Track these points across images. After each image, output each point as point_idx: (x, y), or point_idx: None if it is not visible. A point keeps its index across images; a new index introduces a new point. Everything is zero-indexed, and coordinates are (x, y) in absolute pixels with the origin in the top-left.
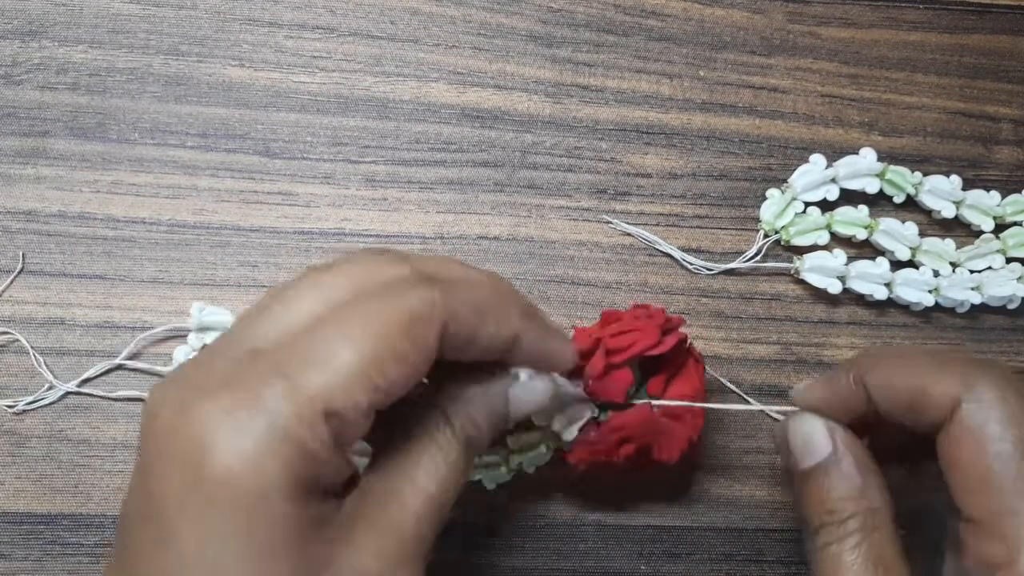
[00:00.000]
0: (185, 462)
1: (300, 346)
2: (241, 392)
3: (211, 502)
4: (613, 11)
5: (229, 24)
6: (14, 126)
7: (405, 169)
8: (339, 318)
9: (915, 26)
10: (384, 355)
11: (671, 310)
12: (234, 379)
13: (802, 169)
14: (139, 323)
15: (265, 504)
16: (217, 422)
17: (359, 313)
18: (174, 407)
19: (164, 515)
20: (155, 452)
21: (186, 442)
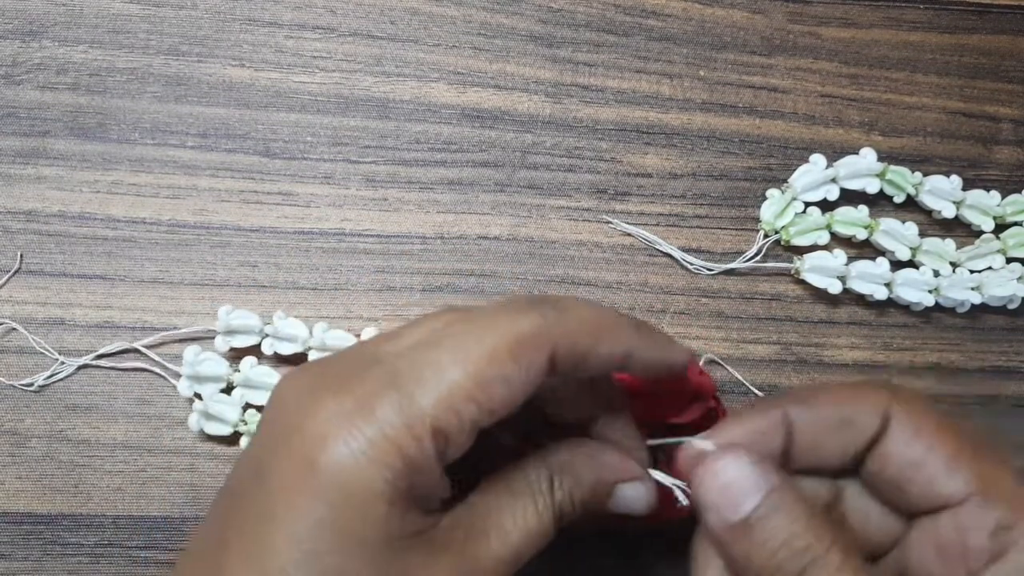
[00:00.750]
0: (300, 452)
1: (414, 360)
2: (358, 396)
3: (318, 494)
4: (613, 11)
5: (229, 24)
6: (14, 126)
7: (405, 169)
8: (453, 336)
9: (915, 26)
10: (490, 376)
11: (671, 310)
12: (355, 384)
13: (802, 169)
14: (139, 323)
15: (364, 506)
16: (334, 420)
17: (469, 330)
18: (301, 397)
19: (272, 497)
20: (275, 435)
21: (304, 433)
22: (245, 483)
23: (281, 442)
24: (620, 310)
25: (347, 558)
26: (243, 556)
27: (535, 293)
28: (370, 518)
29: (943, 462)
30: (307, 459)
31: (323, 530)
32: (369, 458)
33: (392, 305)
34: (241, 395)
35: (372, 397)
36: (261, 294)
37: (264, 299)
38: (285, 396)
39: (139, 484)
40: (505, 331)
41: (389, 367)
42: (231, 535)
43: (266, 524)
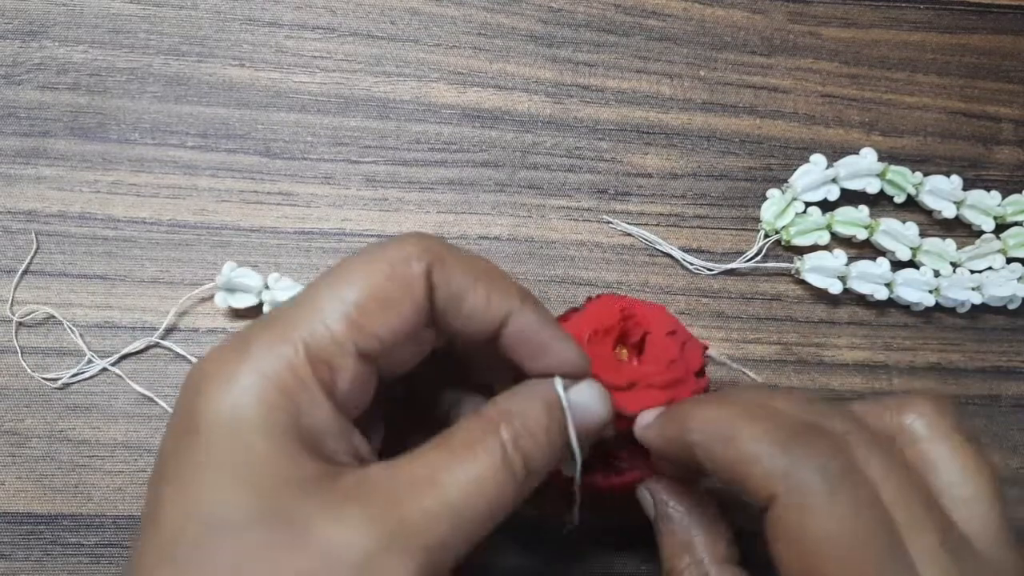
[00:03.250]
0: (184, 406)
1: (294, 300)
2: (235, 342)
3: (200, 440)
4: (613, 11)
5: (229, 24)
6: (14, 126)
7: (405, 169)
8: (332, 271)
9: (916, 26)
10: (366, 297)
11: (671, 310)
12: (235, 338)
13: (803, 169)
14: (139, 323)
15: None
16: (209, 368)
17: (344, 265)
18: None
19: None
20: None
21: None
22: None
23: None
24: None
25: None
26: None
27: None
28: (252, 456)
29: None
30: (187, 408)
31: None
32: (242, 393)
33: None
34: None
35: (248, 338)
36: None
37: (264, 299)
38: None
39: (139, 484)
40: (380, 256)
41: (273, 313)
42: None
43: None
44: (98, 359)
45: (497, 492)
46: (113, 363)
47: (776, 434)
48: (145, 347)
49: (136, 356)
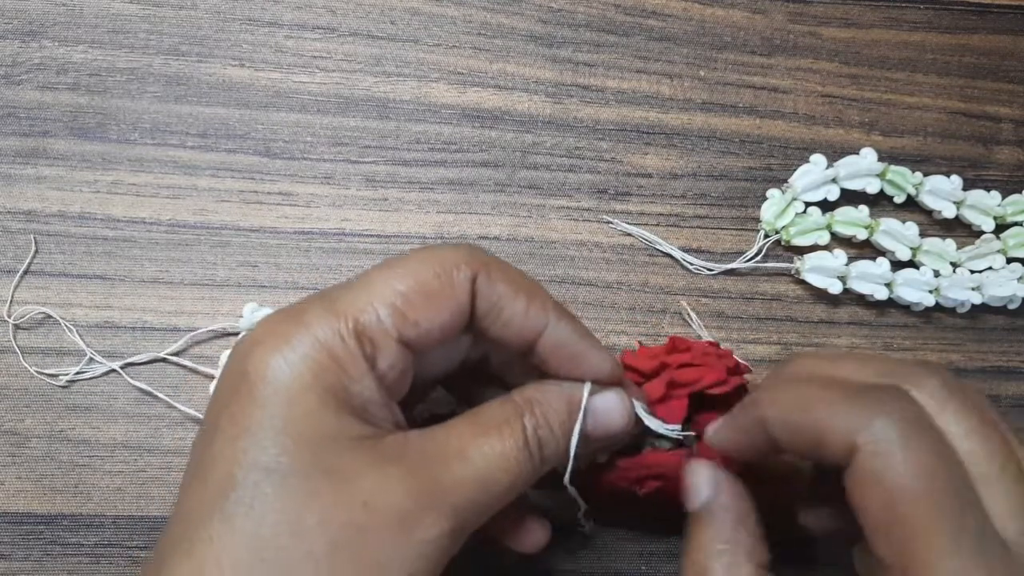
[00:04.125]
0: (236, 367)
1: (347, 282)
2: (288, 311)
3: (251, 398)
4: (613, 11)
5: (229, 24)
6: (14, 126)
7: (405, 169)
8: (385, 263)
9: (916, 26)
10: (414, 289)
11: (671, 310)
12: (288, 309)
13: (803, 169)
14: (139, 323)
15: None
16: (263, 332)
17: (399, 259)
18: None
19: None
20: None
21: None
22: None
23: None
24: (621, 310)
25: (286, 454)
26: (192, 473)
27: None
28: (302, 413)
29: None
30: (239, 369)
31: (260, 430)
32: (295, 354)
33: None
34: None
35: (302, 309)
36: (261, 294)
37: (264, 299)
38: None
39: (139, 484)
40: (432, 256)
41: (327, 291)
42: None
43: (209, 438)
44: (101, 359)
45: (518, 469)
46: (119, 366)
47: (849, 395)
48: (150, 360)
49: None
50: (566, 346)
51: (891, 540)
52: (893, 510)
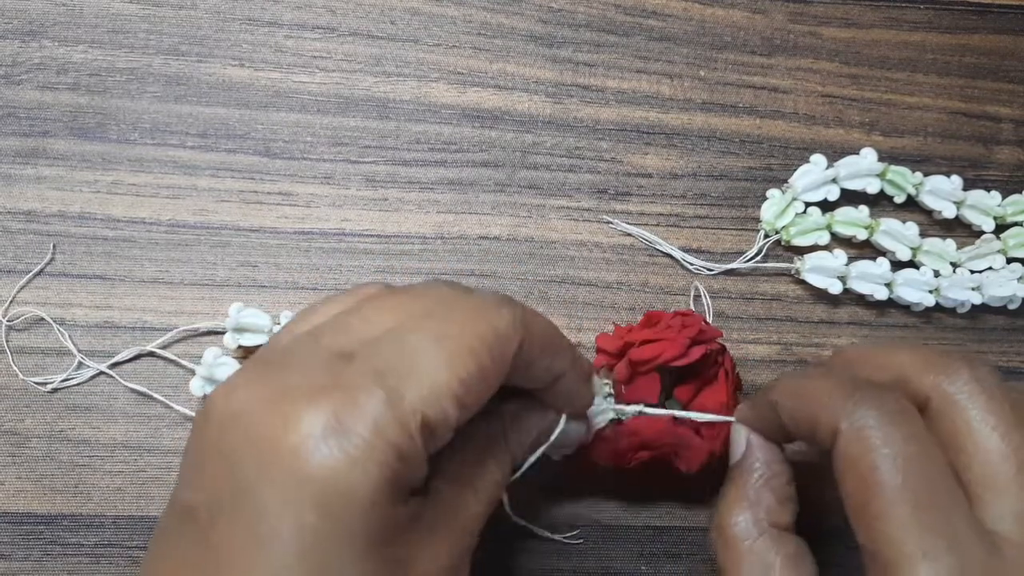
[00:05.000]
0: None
1: (392, 355)
2: (343, 396)
3: (318, 505)
4: (613, 11)
5: (229, 24)
6: (14, 126)
7: (405, 169)
8: (430, 330)
9: (916, 26)
10: (472, 374)
11: (672, 310)
12: (332, 384)
13: (803, 169)
14: (139, 323)
15: (368, 509)
16: (323, 426)
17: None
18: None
19: (265, 514)
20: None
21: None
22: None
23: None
24: (621, 310)
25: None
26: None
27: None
28: (375, 519)
29: None
30: (301, 470)
31: (331, 540)
32: (363, 456)
33: None
34: None
35: (359, 397)
36: (261, 294)
37: (264, 299)
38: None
39: (139, 484)
40: (485, 329)
41: (369, 364)
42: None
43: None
44: (89, 362)
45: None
46: (106, 367)
47: (842, 386)
48: (136, 355)
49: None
50: (569, 392)
51: (864, 521)
52: (866, 491)
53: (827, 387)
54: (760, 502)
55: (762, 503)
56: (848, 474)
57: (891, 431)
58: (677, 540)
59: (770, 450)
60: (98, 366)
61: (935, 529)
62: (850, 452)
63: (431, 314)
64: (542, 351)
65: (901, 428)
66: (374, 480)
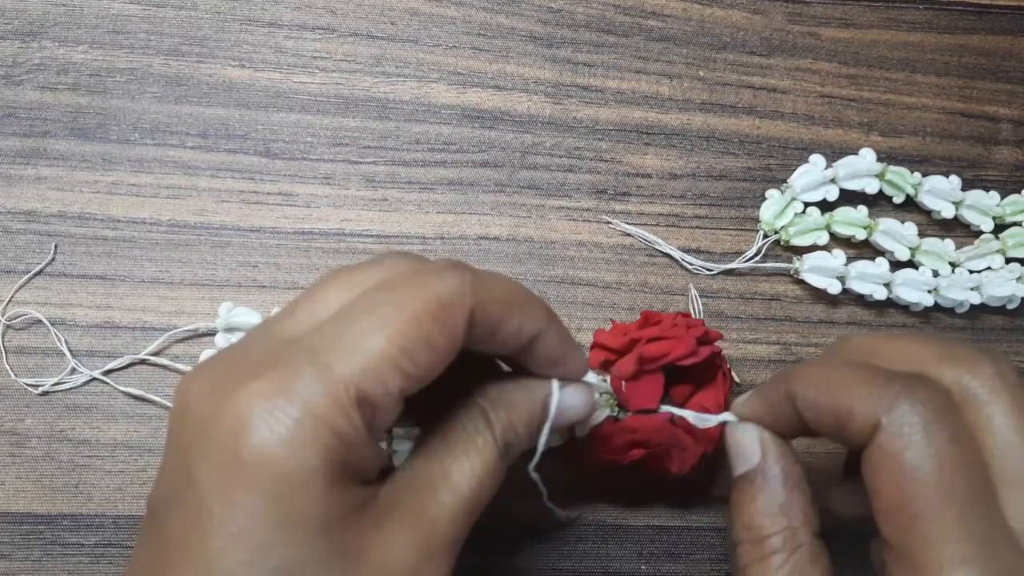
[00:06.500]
0: (225, 447)
1: (330, 332)
2: (275, 378)
3: (251, 486)
4: (613, 11)
5: (229, 24)
6: (14, 126)
7: (405, 169)
8: (368, 303)
9: (914, 26)
10: (414, 341)
11: (671, 310)
12: (268, 366)
13: (802, 169)
14: (139, 323)
15: (302, 489)
16: (254, 407)
17: (388, 298)
18: (211, 392)
19: (203, 498)
20: (193, 436)
21: (225, 427)
22: (172, 491)
23: (202, 441)
24: (620, 310)
25: (295, 545)
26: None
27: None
28: (311, 500)
29: None
30: (233, 452)
31: (265, 522)
32: (298, 439)
33: None
34: None
35: (290, 375)
36: (261, 294)
37: (264, 299)
38: (194, 392)
39: (139, 484)
40: (426, 295)
41: (305, 343)
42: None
43: (204, 528)
44: (83, 368)
45: (495, 478)
46: (99, 374)
47: (876, 377)
48: (128, 364)
49: (145, 363)
50: (552, 352)
51: (900, 521)
52: (905, 490)
53: (861, 378)
54: (794, 508)
55: (796, 509)
56: (886, 471)
57: (936, 429)
58: (677, 540)
59: (788, 448)
60: (91, 372)
61: (976, 536)
62: (892, 448)
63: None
64: (505, 312)
65: (946, 427)
66: (307, 458)
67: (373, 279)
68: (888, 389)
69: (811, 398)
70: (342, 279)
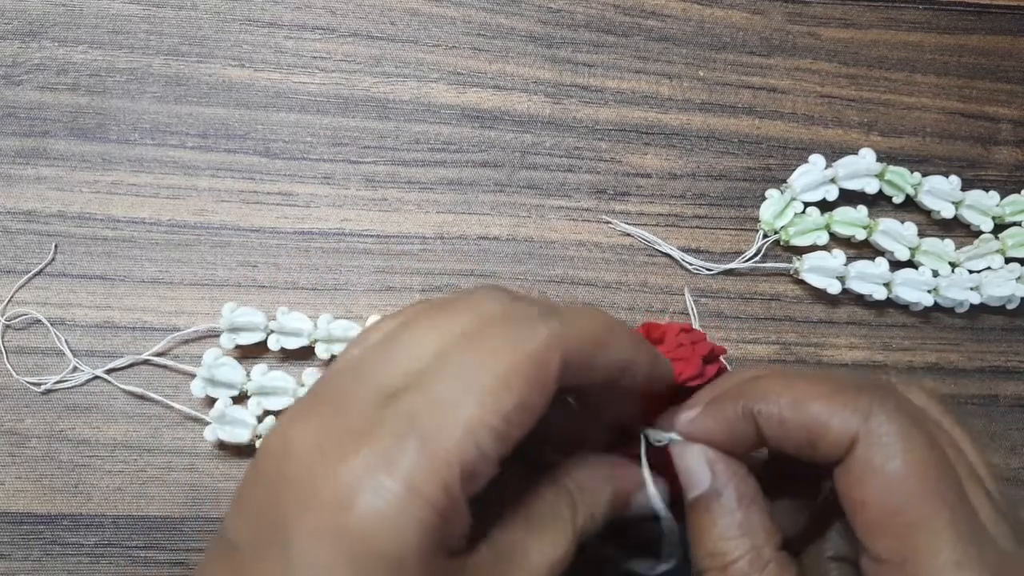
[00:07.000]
0: (327, 514)
1: (427, 395)
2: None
3: (347, 559)
4: (613, 11)
5: (229, 24)
6: (14, 126)
7: (405, 169)
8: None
9: (914, 26)
10: (508, 405)
11: (671, 310)
12: (370, 429)
13: (801, 169)
14: (139, 323)
15: (399, 566)
16: (358, 478)
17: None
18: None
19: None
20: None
21: (329, 494)
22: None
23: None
24: (620, 310)
25: None
26: None
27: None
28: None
29: None
30: (335, 523)
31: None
32: (400, 515)
33: (392, 305)
34: (257, 403)
35: (395, 447)
36: (261, 294)
37: (264, 299)
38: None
39: (139, 484)
40: (516, 352)
41: (403, 403)
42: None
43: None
44: (84, 367)
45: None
46: (102, 372)
47: (845, 390)
48: (131, 363)
49: (148, 363)
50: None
51: (894, 532)
52: (895, 500)
53: (829, 391)
54: (754, 527)
55: (756, 528)
56: (871, 483)
57: (914, 434)
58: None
59: (738, 465)
60: (93, 371)
61: (967, 537)
62: (874, 460)
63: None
64: (596, 349)
65: (922, 432)
66: (406, 537)
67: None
68: (860, 400)
69: (776, 415)
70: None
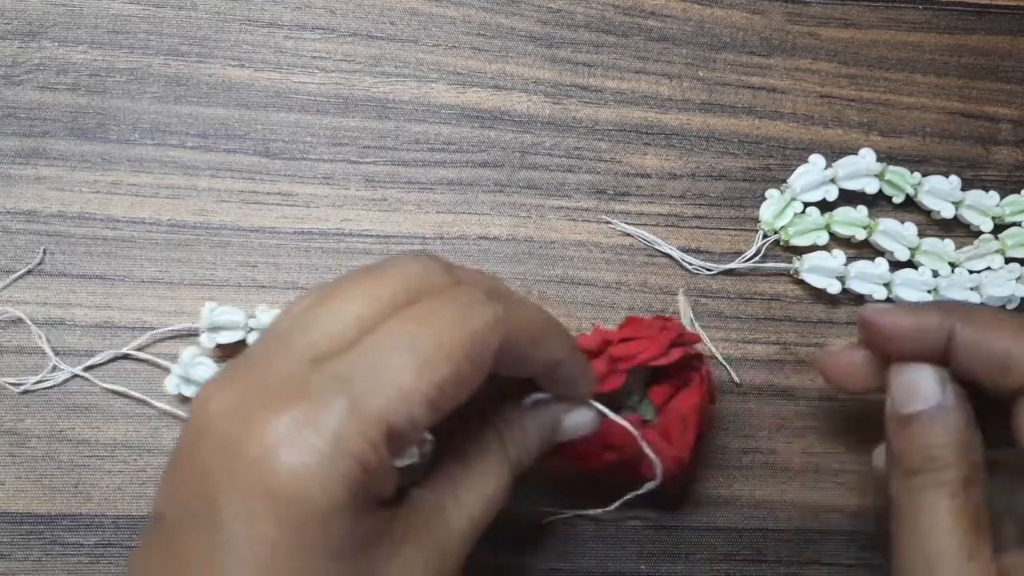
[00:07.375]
0: (251, 476)
1: (361, 358)
2: (306, 406)
3: (276, 519)
4: (613, 11)
5: (229, 24)
6: (14, 126)
7: (405, 169)
8: (401, 332)
9: (914, 27)
10: (446, 376)
11: (671, 310)
12: (297, 392)
13: (801, 169)
14: (139, 323)
15: (327, 521)
16: (283, 436)
17: (422, 331)
18: (235, 414)
19: (223, 522)
20: (215, 458)
21: (252, 455)
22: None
23: (225, 465)
24: (620, 310)
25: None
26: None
27: (532, 293)
28: (335, 532)
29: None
30: (260, 483)
31: (289, 554)
32: (327, 472)
33: None
34: None
35: (322, 407)
36: (261, 294)
37: (264, 299)
38: (215, 411)
39: (139, 484)
40: (461, 331)
41: (335, 370)
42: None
43: (225, 555)
44: (64, 365)
45: (507, 494)
46: (80, 371)
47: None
48: (112, 358)
49: (128, 358)
50: (569, 379)
51: None
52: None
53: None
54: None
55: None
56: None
57: None
58: (677, 540)
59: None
60: (72, 369)
61: None
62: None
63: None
64: (533, 343)
65: None
66: (335, 492)
67: (391, 288)
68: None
69: (975, 339)
70: (360, 288)
